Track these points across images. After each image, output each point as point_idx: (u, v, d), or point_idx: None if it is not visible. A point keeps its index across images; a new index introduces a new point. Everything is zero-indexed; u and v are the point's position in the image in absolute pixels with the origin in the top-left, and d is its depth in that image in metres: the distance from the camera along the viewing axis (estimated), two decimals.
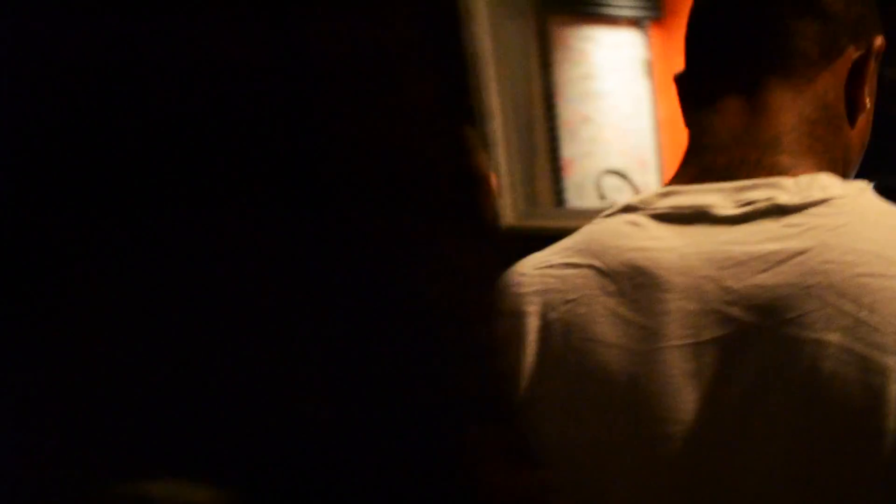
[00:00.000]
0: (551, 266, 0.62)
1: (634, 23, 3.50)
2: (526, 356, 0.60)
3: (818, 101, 0.61)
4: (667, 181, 0.64)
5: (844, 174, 0.63)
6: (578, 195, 3.05)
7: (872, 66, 0.64)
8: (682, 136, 0.65)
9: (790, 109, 0.60)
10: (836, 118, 0.62)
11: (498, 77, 2.30)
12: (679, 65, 0.65)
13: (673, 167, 0.64)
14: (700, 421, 0.55)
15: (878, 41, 0.63)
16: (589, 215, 0.71)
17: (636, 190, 2.96)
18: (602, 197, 3.09)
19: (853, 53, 0.62)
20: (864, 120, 0.65)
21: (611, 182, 3.10)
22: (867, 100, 0.64)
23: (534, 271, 0.63)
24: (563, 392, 0.60)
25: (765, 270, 0.54)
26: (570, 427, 0.59)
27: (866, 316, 0.51)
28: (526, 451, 0.33)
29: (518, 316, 0.61)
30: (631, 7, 3.42)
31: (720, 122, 0.62)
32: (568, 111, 3.29)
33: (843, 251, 0.53)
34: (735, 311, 0.54)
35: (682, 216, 0.59)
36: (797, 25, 0.60)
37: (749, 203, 0.57)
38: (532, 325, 0.61)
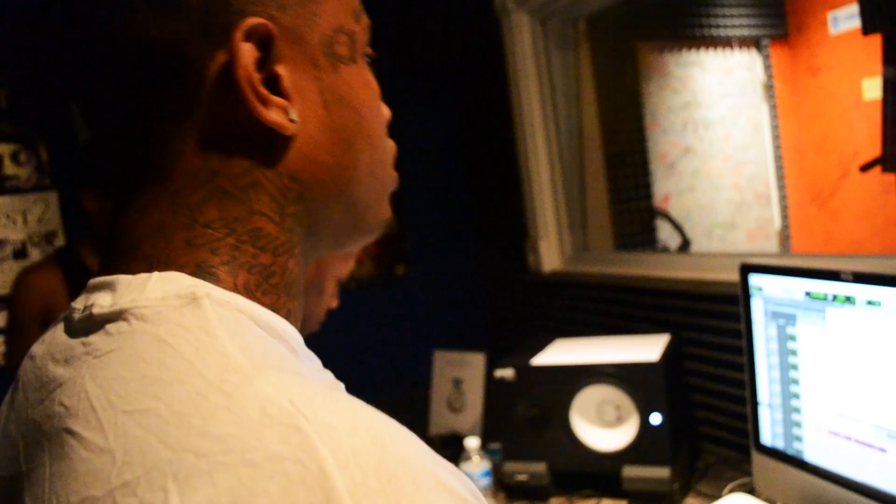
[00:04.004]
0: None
1: (753, 43, 3.19)
2: None
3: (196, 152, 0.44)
4: None
5: (317, 231, 0.48)
6: (671, 235, 2.71)
7: (280, 54, 0.44)
8: (809, 165, 0.45)
9: (160, 181, 0.45)
10: (233, 173, 0.44)
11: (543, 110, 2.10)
12: (807, 85, 0.44)
13: (798, 200, 0.43)
14: None
15: (247, 27, 0.42)
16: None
17: (684, 235, 2.58)
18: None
19: (220, 58, 0.42)
20: (315, 135, 0.45)
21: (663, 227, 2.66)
22: (287, 110, 0.43)
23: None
24: None
25: (38, 403, 0.42)
26: None
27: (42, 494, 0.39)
28: None
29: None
30: (749, 27, 3.10)
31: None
32: (664, 143, 2.99)
33: (76, 392, 0.40)
34: (20, 449, 0.43)
35: (64, 316, 0.47)
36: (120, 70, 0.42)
37: (88, 307, 0.43)
38: None
